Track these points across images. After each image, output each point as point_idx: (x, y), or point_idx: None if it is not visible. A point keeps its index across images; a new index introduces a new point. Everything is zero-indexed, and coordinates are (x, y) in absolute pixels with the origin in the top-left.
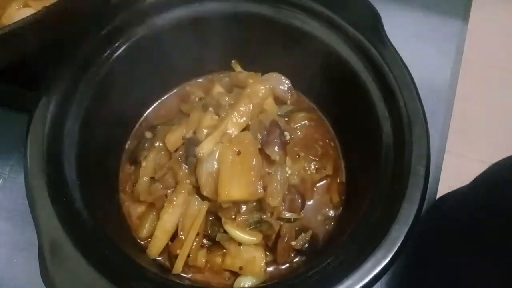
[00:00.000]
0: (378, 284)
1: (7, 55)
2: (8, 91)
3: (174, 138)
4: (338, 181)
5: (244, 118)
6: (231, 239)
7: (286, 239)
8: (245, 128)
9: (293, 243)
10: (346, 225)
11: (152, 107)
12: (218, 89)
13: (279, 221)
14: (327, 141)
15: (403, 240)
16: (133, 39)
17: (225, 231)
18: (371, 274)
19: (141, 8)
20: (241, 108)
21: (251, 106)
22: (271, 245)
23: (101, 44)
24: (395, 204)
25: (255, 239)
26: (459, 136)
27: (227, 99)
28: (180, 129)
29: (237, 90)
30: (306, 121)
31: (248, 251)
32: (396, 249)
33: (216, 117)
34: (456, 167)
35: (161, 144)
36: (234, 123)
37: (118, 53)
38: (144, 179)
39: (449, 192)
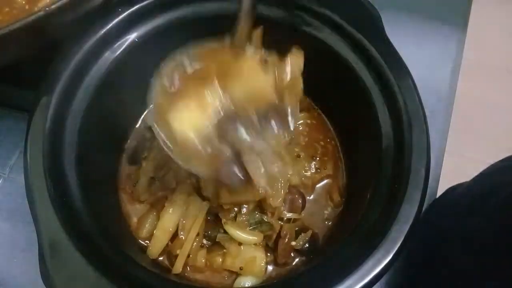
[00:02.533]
0: (378, 284)
1: (6, 55)
2: (8, 91)
3: None
4: (338, 181)
5: None
6: (231, 239)
7: (286, 239)
8: None
9: (293, 243)
10: (346, 225)
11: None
12: None
13: (280, 222)
14: (328, 140)
15: (403, 240)
16: (132, 39)
17: (225, 231)
18: (371, 274)
19: (141, 8)
20: None
21: None
22: (271, 245)
23: (101, 44)
24: (395, 204)
25: (255, 238)
26: (459, 136)
27: None
28: None
29: None
30: (307, 121)
31: (248, 251)
32: (396, 249)
33: None
34: (456, 167)
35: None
36: None
37: (118, 53)
38: (144, 179)
39: (446, 192)
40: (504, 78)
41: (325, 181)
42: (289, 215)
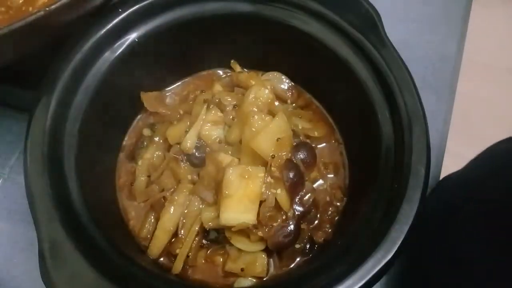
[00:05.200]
0: (378, 284)
1: (6, 55)
2: (8, 91)
3: (176, 131)
4: (339, 181)
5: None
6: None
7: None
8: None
9: (297, 246)
10: (346, 225)
11: None
12: (218, 88)
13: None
14: (329, 139)
15: (403, 240)
16: (132, 39)
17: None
18: (371, 274)
19: (141, 8)
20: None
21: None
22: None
23: (101, 44)
24: (395, 204)
25: (261, 247)
26: (459, 136)
27: (229, 99)
28: (182, 124)
29: (238, 90)
30: (308, 120)
31: (250, 253)
32: (396, 249)
33: (220, 114)
34: (456, 167)
35: (160, 140)
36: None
37: (118, 53)
38: (141, 179)
39: (442, 179)
40: (504, 78)
41: (326, 181)
42: (299, 208)
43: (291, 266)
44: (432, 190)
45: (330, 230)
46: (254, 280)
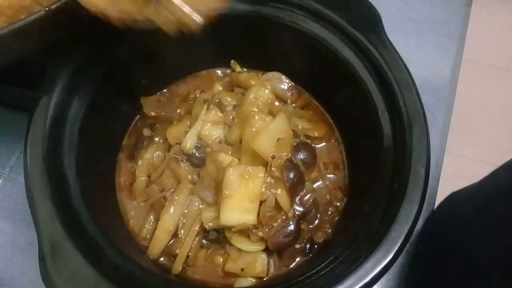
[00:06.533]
0: (378, 284)
1: (7, 55)
2: (8, 91)
3: (176, 131)
4: (339, 181)
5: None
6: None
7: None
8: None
9: (297, 246)
10: (347, 225)
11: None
12: (218, 88)
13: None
14: (329, 139)
15: (403, 240)
16: (132, 39)
17: (224, 232)
18: (371, 274)
19: None
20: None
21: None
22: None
23: (101, 44)
24: (395, 204)
25: (261, 248)
26: (459, 136)
27: (229, 99)
28: (182, 124)
29: (238, 90)
30: (308, 120)
31: (250, 253)
32: (396, 249)
33: (220, 114)
34: (456, 167)
35: (160, 140)
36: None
37: (117, 53)
38: (141, 178)
39: (457, 191)
40: (504, 78)
41: (325, 181)
42: (299, 208)
43: (291, 266)
44: (450, 198)
45: (330, 230)
46: (254, 280)
